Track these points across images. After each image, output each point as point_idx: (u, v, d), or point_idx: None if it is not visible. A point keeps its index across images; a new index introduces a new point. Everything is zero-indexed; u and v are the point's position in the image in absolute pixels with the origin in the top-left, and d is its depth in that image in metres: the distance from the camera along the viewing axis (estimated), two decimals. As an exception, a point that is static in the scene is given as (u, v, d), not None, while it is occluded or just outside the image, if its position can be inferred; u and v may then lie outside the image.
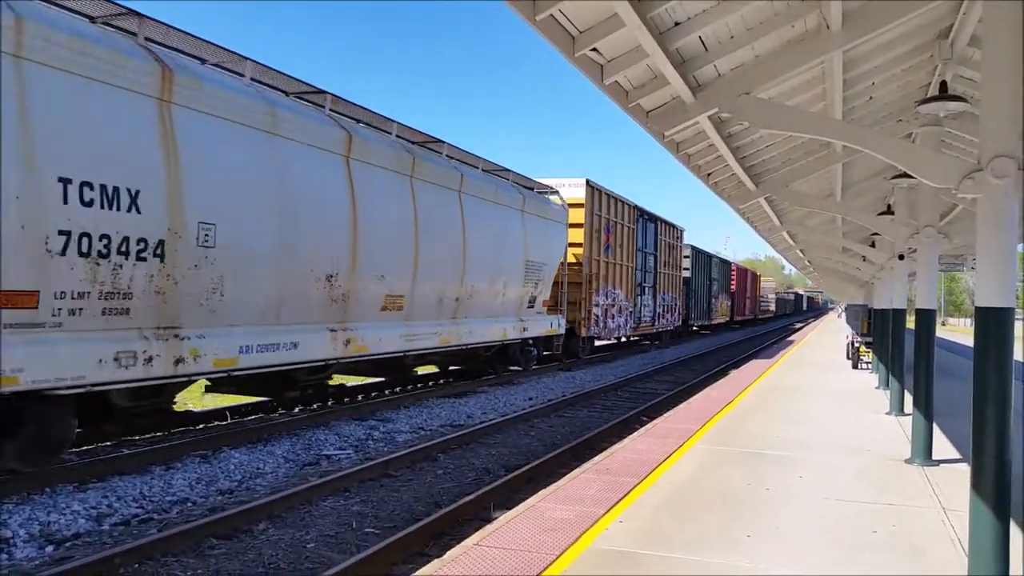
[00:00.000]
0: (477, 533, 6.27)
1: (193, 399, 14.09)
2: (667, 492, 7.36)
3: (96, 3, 9.08)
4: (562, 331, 22.34)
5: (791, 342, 37.71)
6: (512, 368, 20.67)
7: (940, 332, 44.60)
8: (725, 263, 53.61)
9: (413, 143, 14.98)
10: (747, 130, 9.25)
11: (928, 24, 7.40)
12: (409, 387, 17.69)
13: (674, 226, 36.49)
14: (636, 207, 29.71)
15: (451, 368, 19.89)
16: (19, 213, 7.62)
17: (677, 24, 6.07)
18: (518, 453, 11.44)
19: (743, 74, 6.83)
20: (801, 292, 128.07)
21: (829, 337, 38.71)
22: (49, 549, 6.91)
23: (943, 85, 7.19)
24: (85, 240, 8.26)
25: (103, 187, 8.41)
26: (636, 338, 32.35)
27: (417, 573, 5.39)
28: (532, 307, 20.34)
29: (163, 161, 9.11)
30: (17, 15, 7.53)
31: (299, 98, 12.18)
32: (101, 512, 7.86)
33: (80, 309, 8.33)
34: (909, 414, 9.76)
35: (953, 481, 7.92)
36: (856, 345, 21.09)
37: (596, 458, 9.07)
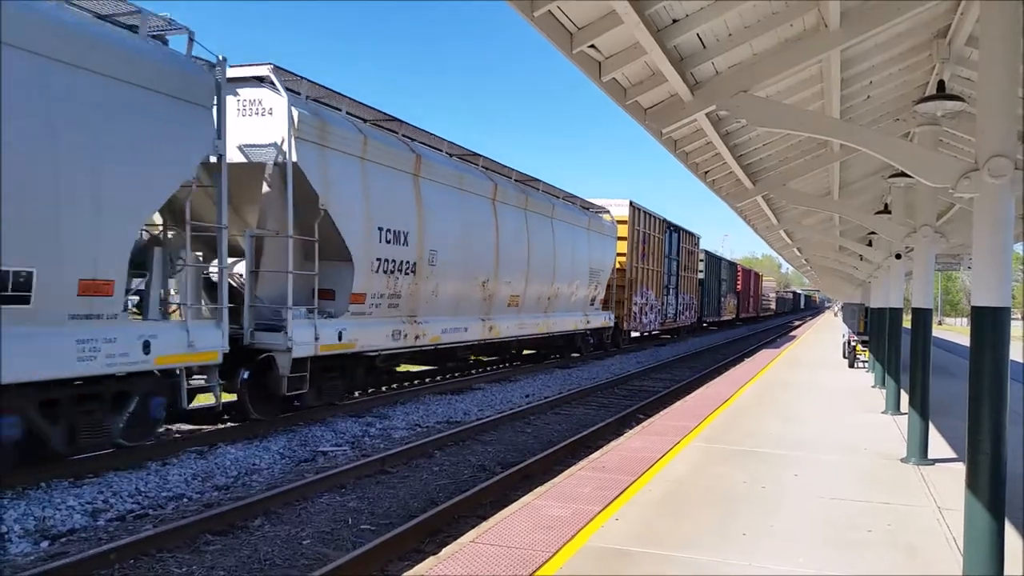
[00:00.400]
0: (473, 530, 6.28)
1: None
2: (663, 490, 7.37)
3: (369, 110, 14.40)
4: (612, 324, 28.00)
5: (790, 338, 39.59)
6: (573, 355, 25.81)
7: (936, 331, 44.76)
8: (732, 265, 57.56)
9: (526, 184, 21.05)
10: (745, 128, 9.25)
11: (926, 23, 7.40)
12: (518, 362, 23.47)
13: (692, 234, 41.26)
14: (665, 220, 34.86)
15: (524, 352, 24.55)
16: (364, 248, 13.19)
17: (675, 21, 6.07)
18: (514, 450, 11.44)
19: (741, 72, 6.82)
20: (799, 291, 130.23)
21: (825, 335, 38.78)
22: (44, 544, 6.91)
23: (941, 84, 7.20)
24: (386, 263, 13.81)
25: (394, 231, 14.00)
26: (657, 332, 36.27)
27: (413, 570, 5.39)
28: (593, 305, 26.30)
29: (416, 214, 14.77)
30: (364, 135, 13.31)
31: (463, 160, 17.92)
32: (97, 507, 7.85)
33: (380, 304, 13.90)
34: (905, 413, 9.79)
35: (949, 480, 7.93)
36: (852, 344, 21.11)
37: (592, 455, 9.08)
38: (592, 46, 6.10)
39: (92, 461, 9.26)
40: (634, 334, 32.54)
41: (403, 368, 17.94)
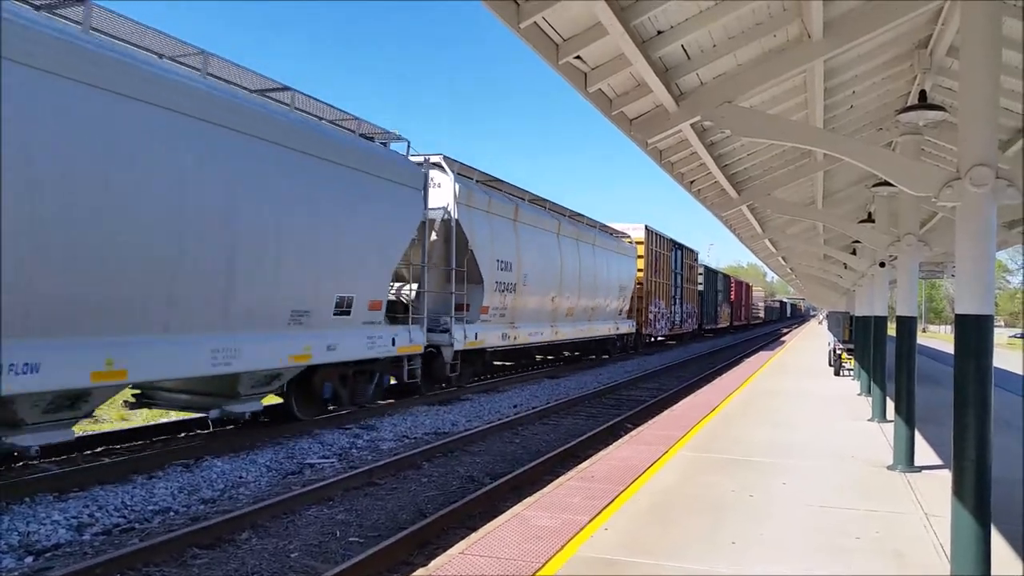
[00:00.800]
0: (462, 542, 6.26)
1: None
2: (652, 499, 7.37)
3: (482, 174, 19.52)
4: (634, 331, 34.01)
5: (779, 344, 42.72)
6: (604, 356, 31.40)
7: (921, 339, 44.95)
8: (727, 277, 62.67)
9: (575, 218, 26.39)
10: (729, 138, 9.31)
11: (908, 34, 7.50)
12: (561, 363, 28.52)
13: (693, 250, 46.57)
14: (671, 240, 40.28)
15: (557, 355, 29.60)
16: (490, 274, 18.58)
17: (660, 33, 6.12)
18: (503, 460, 11.42)
19: (725, 83, 6.88)
20: (785, 300, 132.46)
21: (811, 343, 38.97)
22: (29, 560, 6.83)
23: (922, 94, 7.29)
24: (499, 285, 19.22)
25: (504, 262, 19.42)
26: (662, 338, 41.37)
27: (401, 582, 5.37)
28: (621, 315, 31.87)
29: (515, 248, 20.25)
30: (488, 196, 19.03)
31: (534, 203, 22.99)
32: (82, 522, 7.77)
33: (495, 314, 19.40)
34: (891, 421, 9.85)
35: (935, 487, 7.98)
36: (838, 352, 21.21)
37: (581, 465, 9.07)
38: (578, 57, 6.13)
39: (78, 474, 9.18)
40: (650, 340, 38.33)
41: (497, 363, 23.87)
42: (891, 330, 12.18)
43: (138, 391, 11.45)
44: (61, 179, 8.16)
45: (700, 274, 48.15)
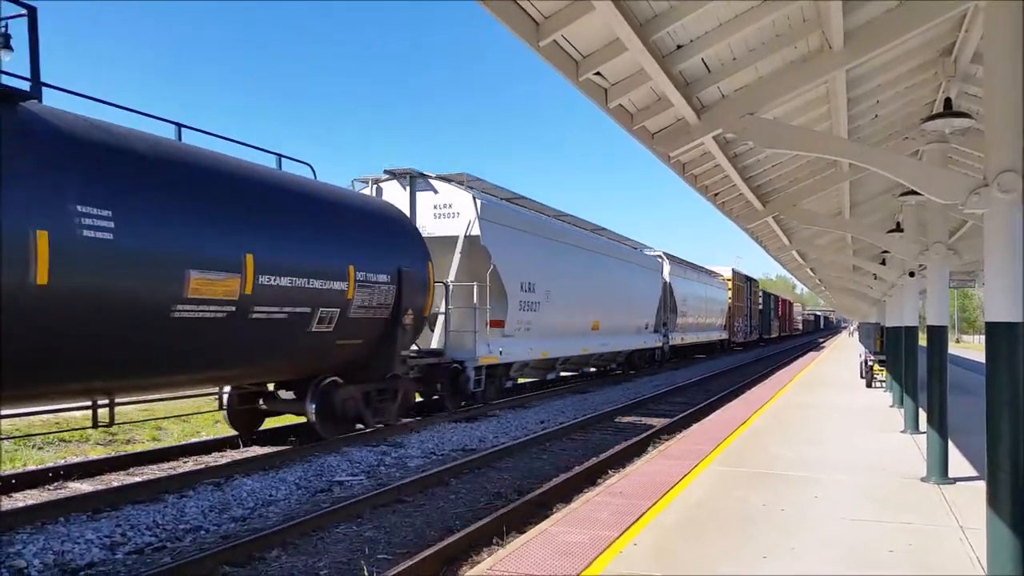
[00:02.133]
0: (490, 558, 6.24)
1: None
2: (681, 514, 7.32)
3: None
4: (726, 338, 48.56)
5: (818, 350, 51.21)
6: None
7: (954, 349, 44.12)
8: (776, 297, 76.78)
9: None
10: (753, 150, 9.29)
11: (931, 42, 7.45)
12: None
13: (755, 280, 61.80)
14: (746, 276, 56.02)
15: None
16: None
17: (679, 47, 6.14)
18: (531, 476, 11.40)
19: (747, 95, 6.88)
20: (819, 313, 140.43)
21: (842, 354, 38.51)
22: (63, 579, 6.92)
23: (948, 102, 7.22)
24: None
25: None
26: (741, 343, 55.09)
27: (430, 598, 5.37)
28: (720, 327, 45.73)
29: (660, 292, 32.63)
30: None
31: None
32: (115, 541, 7.86)
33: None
34: (924, 432, 9.69)
35: (970, 498, 7.84)
36: (869, 363, 20.95)
37: (609, 480, 9.03)
38: (598, 73, 6.17)
39: (110, 494, 9.30)
40: (733, 344, 52.56)
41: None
42: (923, 340, 12.02)
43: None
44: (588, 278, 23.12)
45: (760, 296, 62.43)
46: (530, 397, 21.09)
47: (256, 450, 12.63)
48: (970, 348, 63.87)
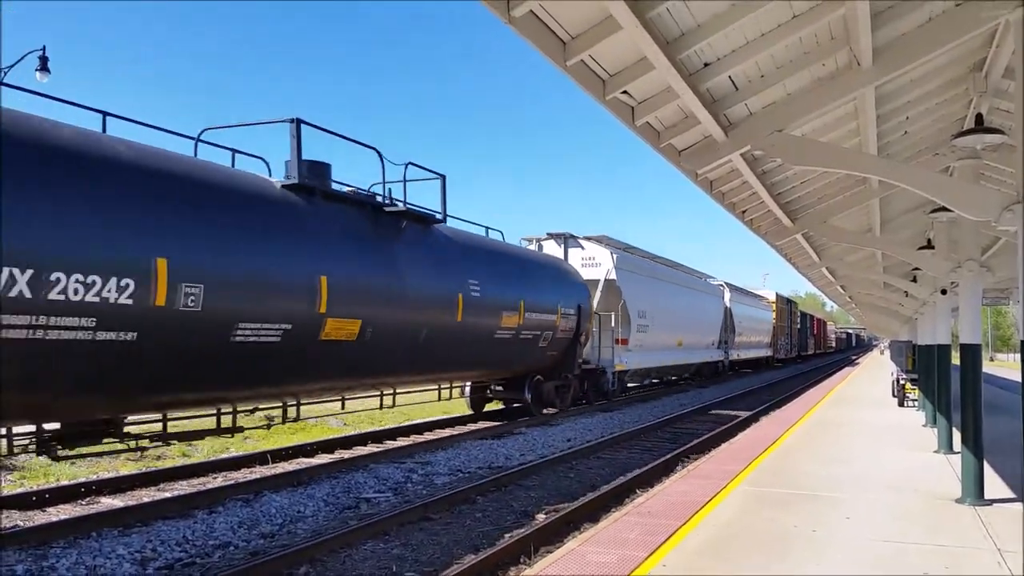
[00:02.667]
0: (517, 576, 6.22)
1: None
2: (711, 534, 7.24)
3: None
4: (771, 355, 53.29)
5: (851, 367, 53.01)
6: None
7: (988, 368, 43.33)
8: (810, 317, 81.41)
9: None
10: (781, 167, 9.25)
11: (961, 57, 7.39)
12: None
13: (794, 301, 69.26)
14: (786, 297, 63.10)
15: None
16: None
17: (706, 65, 6.15)
18: (557, 495, 11.35)
19: (775, 112, 6.87)
20: (851, 331, 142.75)
21: (874, 372, 37.98)
22: (95, 594, 7.00)
23: (979, 118, 7.15)
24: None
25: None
26: (782, 359, 59.01)
27: (457, 617, 5.36)
28: (764, 344, 50.87)
29: (722, 315, 38.75)
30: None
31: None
32: (145, 556, 7.94)
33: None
34: (958, 452, 9.53)
35: (1008, 520, 7.68)
36: (901, 382, 20.66)
37: (637, 500, 8.97)
38: (625, 92, 6.19)
39: (141, 509, 9.40)
40: (777, 360, 58.46)
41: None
42: (955, 359, 11.84)
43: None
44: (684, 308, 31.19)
45: (798, 317, 68.23)
46: (556, 415, 21.03)
47: (283, 466, 12.71)
48: (1004, 366, 62.74)
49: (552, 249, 24.17)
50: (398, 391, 15.04)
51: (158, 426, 10.61)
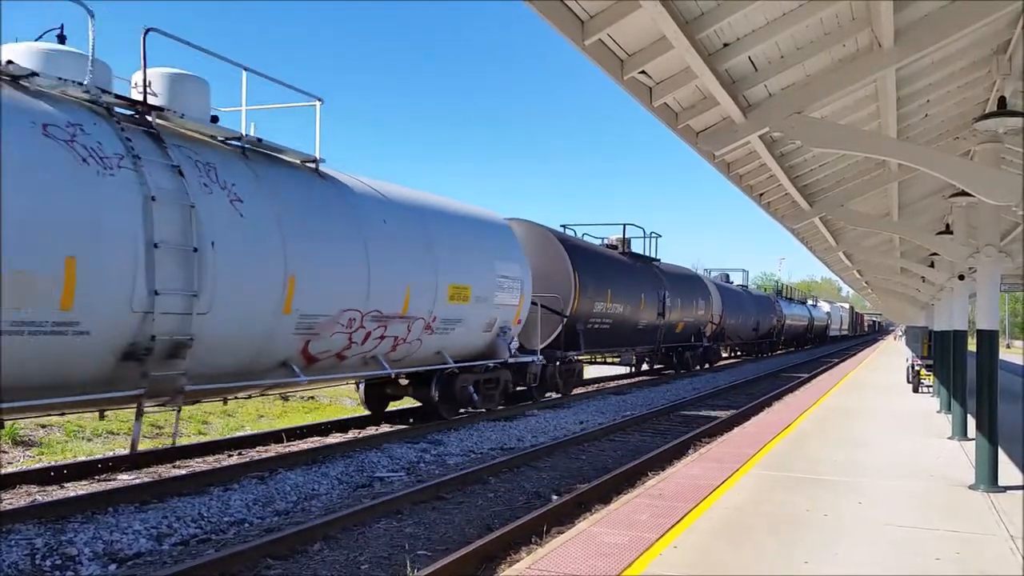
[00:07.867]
0: (528, 557, 6.26)
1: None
2: (722, 518, 7.25)
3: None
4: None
5: (871, 348, 58.66)
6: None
7: (1005, 355, 43.06)
8: (852, 309, 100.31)
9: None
10: (800, 149, 9.17)
11: (985, 39, 7.28)
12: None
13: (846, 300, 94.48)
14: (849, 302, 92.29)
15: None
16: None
17: (726, 45, 6.08)
18: (569, 476, 11.38)
19: (794, 93, 6.80)
20: (875, 319, 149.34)
21: (888, 359, 37.81)
22: (112, 567, 7.09)
23: (1002, 101, 7.06)
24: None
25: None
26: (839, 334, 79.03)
27: (470, 595, 5.40)
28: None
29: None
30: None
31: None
32: (161, 532, 8.03)
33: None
34: (972, 439, 9.48)
35: (1021, 507, 7.65)
36: (916, 368, 20.54)
37: (649, 482, 8.99)
38: (643, 72, 6.14)
39: (157, 486, 9.51)
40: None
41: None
42: (971, 345, 11.75)
43: None
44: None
45: (844, 309, 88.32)
46: (571, 398, 21.05)
47: (299, 444, 12.80)
48: (1021, 353, 62.26)
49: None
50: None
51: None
